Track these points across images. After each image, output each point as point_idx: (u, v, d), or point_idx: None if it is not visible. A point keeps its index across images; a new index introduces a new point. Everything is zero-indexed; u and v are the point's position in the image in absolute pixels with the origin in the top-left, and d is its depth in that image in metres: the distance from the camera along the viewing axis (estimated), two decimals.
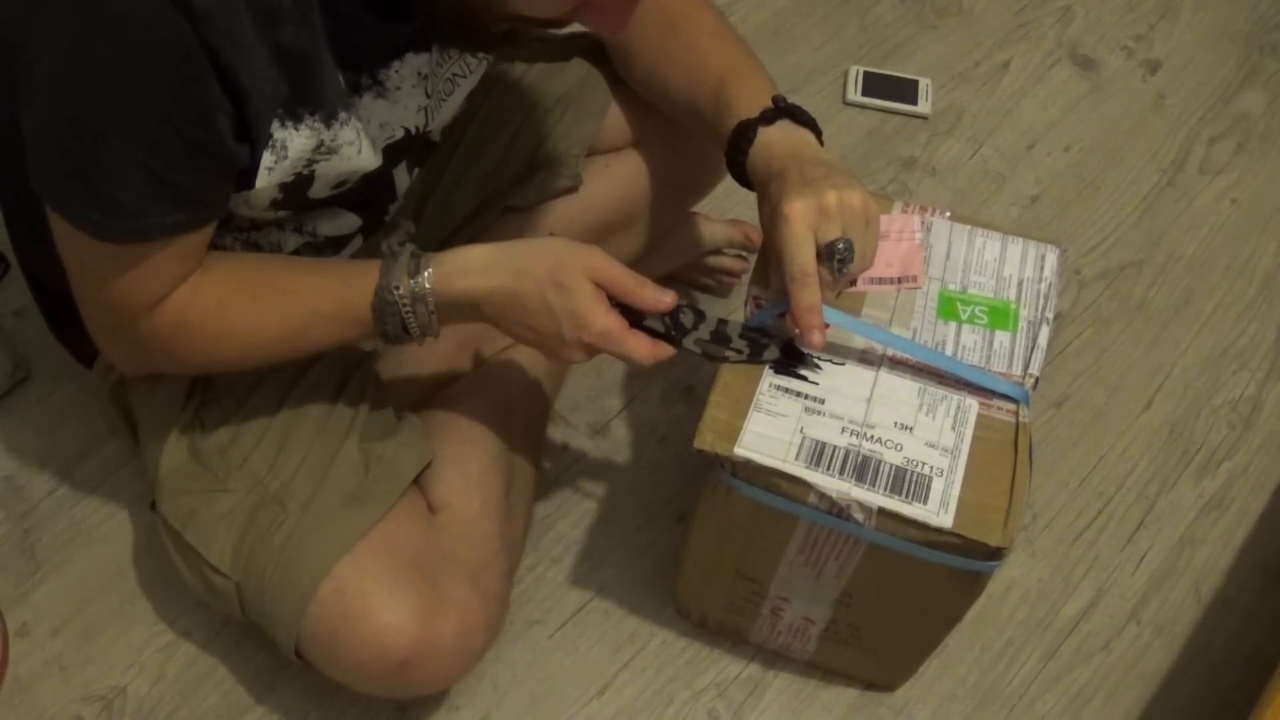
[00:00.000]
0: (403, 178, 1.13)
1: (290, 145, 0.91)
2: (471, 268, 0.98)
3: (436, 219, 1.28)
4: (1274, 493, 1.44)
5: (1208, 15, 1.90)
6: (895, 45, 1.82)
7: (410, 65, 0.98)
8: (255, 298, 0.99)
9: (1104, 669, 1.30)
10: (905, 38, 1.83)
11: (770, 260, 1.03)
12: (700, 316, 1.03)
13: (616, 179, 1.26)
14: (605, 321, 0.97)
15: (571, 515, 1.36)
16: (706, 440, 0.96)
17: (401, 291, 0.97)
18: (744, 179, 1.07)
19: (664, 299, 0.99)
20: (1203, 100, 1.80)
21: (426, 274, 0.98)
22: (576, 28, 1.27)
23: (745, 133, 1.04)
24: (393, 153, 1.03)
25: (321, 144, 0.93)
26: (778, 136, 1.04)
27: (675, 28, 1.14)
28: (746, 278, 1.52)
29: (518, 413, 1.27)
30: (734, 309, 1.52)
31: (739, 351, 1.02)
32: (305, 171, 0.95)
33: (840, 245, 0.95)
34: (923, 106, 1.73)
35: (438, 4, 0.89)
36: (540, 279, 0.97)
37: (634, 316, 1.00)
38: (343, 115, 0.94)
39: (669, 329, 1.01)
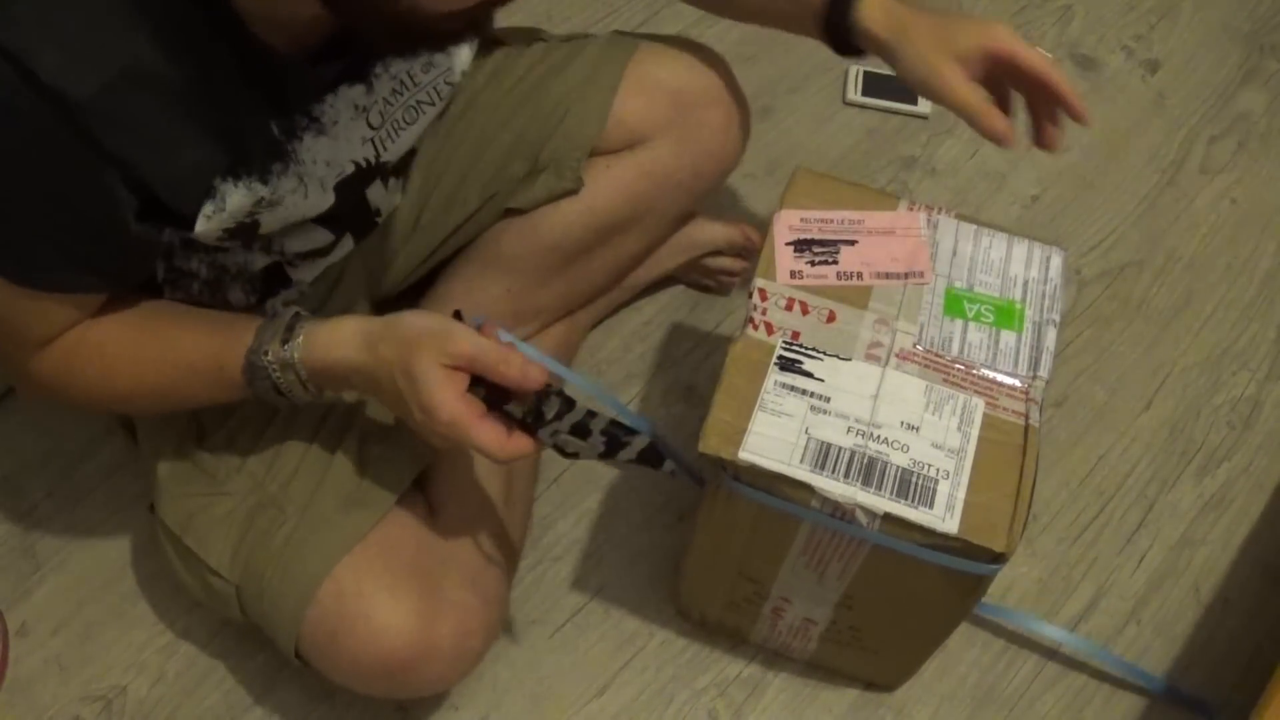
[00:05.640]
0: (378, 193, 1.11)
1: (228, 199, 0.90)
2: (339, 341, 0.96)
3: (436, 222, 1.27)
4: (1274, 493, 1.44)
5: (1208, 15, 1.90)
6: None
7: (345, 98, 0.96)
8: (138, 347, 0.98)
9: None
10: None
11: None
12: (569, 405, 0.97)
13: (618, 180, 1.26)
14: (450, 411, 0.92)
15: (571, 515, 1.35)
16: (711, 444, 0.96)
17: (270, 357, 0.96)
18: (845, 43, 1.11)
19: (530, 374, 0.94)
20: (1203, 100, 1.79)
21: (297, 341, 0.96)
22: (578, 28, 1.28)
23: (842, 15, 1.08)
24: (347, 189, 1.01)
25: (261, 199, 0.92)
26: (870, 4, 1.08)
27: None
28: (747, 277, 1.52)
29: None
30: (734, 309, 1.52)
31: (594, 447, 0.97)
32: (248, 220, 0.94)
33: None
34: (923, 106, 1.73)
35: (368, 30, 0.84)
36: (392, 365, 0.93)
37: (504, 398, 0.95)
38: (277, 167, 0.92)
39: (526, 415, 0.96)
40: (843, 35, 1.10)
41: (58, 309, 0.92)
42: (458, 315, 0.99)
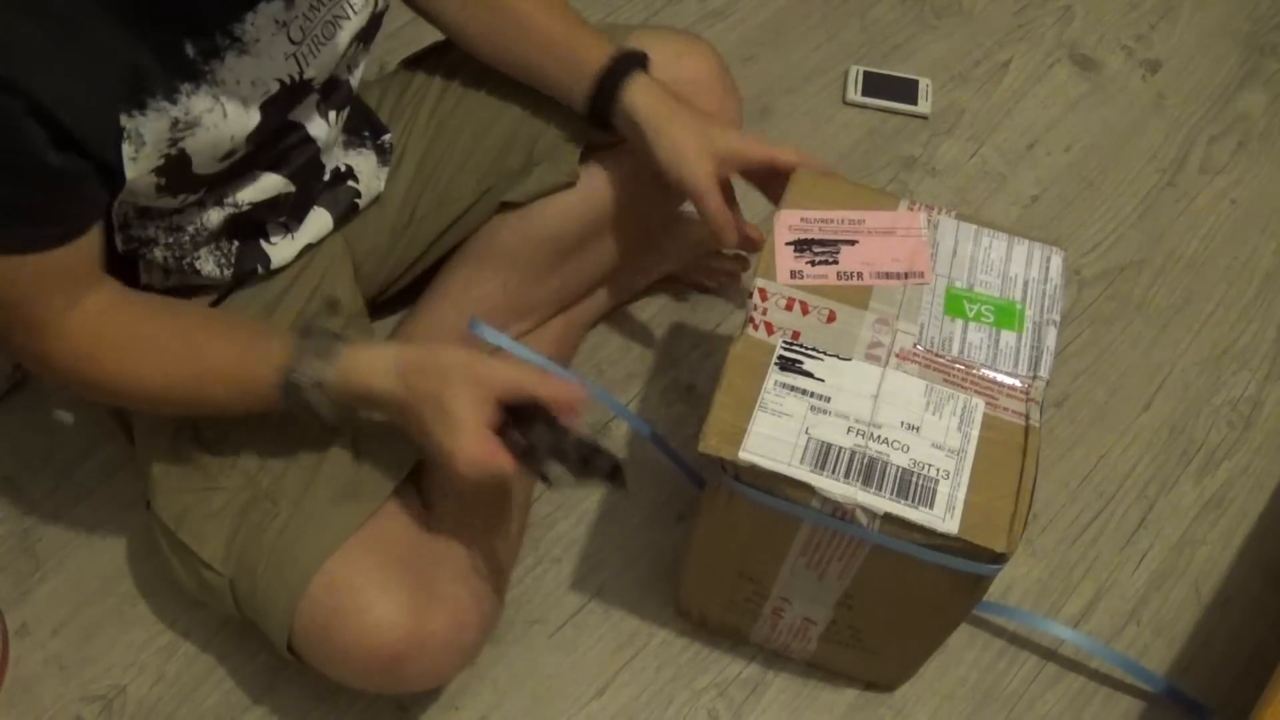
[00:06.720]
0: (319, 126, 1.11)
1: (144, 131, 0.90)
2: (375, 369, 0.98)
3: (430, 217, 1.28)
4: (1274, 493, 1.44)
5: (1208, 15, 1.90)
6: (895, 45, 1.81)
7: (265, 14, 0.95)
8: (168, 346, 0.99)
9: (1104, 669, 1.30)
10: (905, 38, 1.82)
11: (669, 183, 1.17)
12: (562, 435, 0.99)
13: (613, 173, 1.26)
14: (471, 452, 0.95)
15: (571, 515, 1.35)
16: (711, 444, 0.96)
17: (307, 379, 0.97)
18: (604, 116, 1.18)
19: (573, 389, 0.98)
20: (1203, 100, 1.80)
21: (336, 365, 0.98)
22: None
23: (611, 88, 1.16)
24: (273, 108, 1.01)
25: (176, 121, 0.92)
26: (641, 85, 1.16)
27: (505, 15, 1.18)
28: (747, 277, 1.52)
29: None
30: (734, 309, 1.52)
31: (570, 470, 0.99)
32: (173, 152, 0.93)
33: None
34: (923, 106, 1.73)
35: None
36: (424, 399, 0.96)
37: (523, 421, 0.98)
38: (187, 87, 0.91)
39: (525, 449, 0.98)
40: (605, 107, 1.17)
41: (36, 277, 0.91)
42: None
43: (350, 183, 1.21)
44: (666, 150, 1.15)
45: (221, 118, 0.95)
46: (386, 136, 1.25)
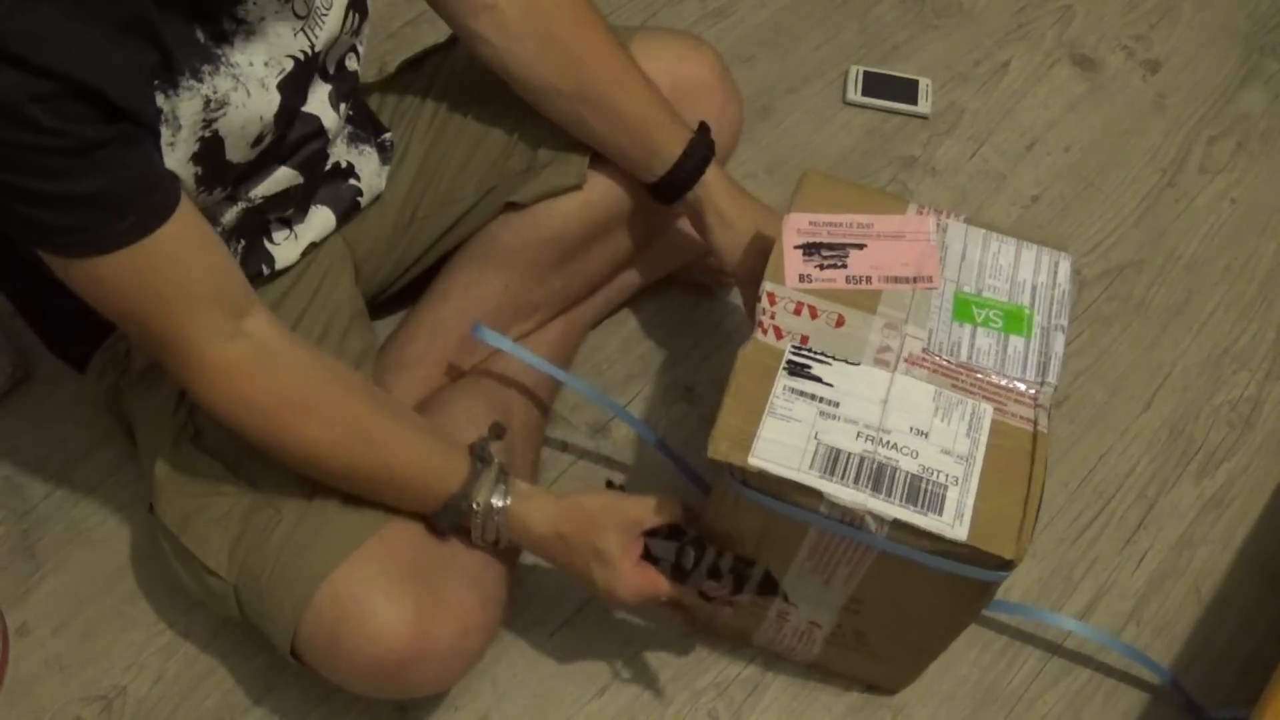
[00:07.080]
0: (330, 115, 1.11)
1: (180, 112, 0.90)
2: (541, 518, 1.07)
3: (432, 217, 1.27)
4: (1274, 493, 1.44)
5: (1208, 15, 1.90)
6: (895, 45, 1.81)
7: None
8: (344, 423, 1.02)
9: (1104, 669, 1.30)
10: (905, 38, 1.82)
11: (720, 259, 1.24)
12: (711, 553, 1.07)
13: (616, 176, 1.25)
14: (631, 586, 1.06)
15: None
16: (721, 449, 0.96)
17: (478, 509, 1.05)
18: (673, 193, 1.22)
19: (687, 506, 1.09)
20: (1203, 100, 1.80)
21: (504, 506, 1.06)
22: None
23: (684, 179, 1.20)
24: (290, 86, 1.01)
25: (208, 100, 0.92)
26: (714, 178, 1.20)
27: (586, 93, 1.18)
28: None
29: (516, 412, 1.27)
30: (734, 308, 1.52)
31: (724, 586, 1.08)
32: (207, 134, 0.94)
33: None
34: (923, 106, 1.73)
35: None
36: (576, 547, 1.07)
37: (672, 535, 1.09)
38: (207, 69, 0.92)
39: (675, 569, 1.08)
40: (676, 191, 1.21)
41: (157, 284, 0.90)
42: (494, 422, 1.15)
43: (352, 180, 1.21)
44: (730, 243, 1.22)
45: (246, 96, 0.96)
46: (387, 135, 1.24)
